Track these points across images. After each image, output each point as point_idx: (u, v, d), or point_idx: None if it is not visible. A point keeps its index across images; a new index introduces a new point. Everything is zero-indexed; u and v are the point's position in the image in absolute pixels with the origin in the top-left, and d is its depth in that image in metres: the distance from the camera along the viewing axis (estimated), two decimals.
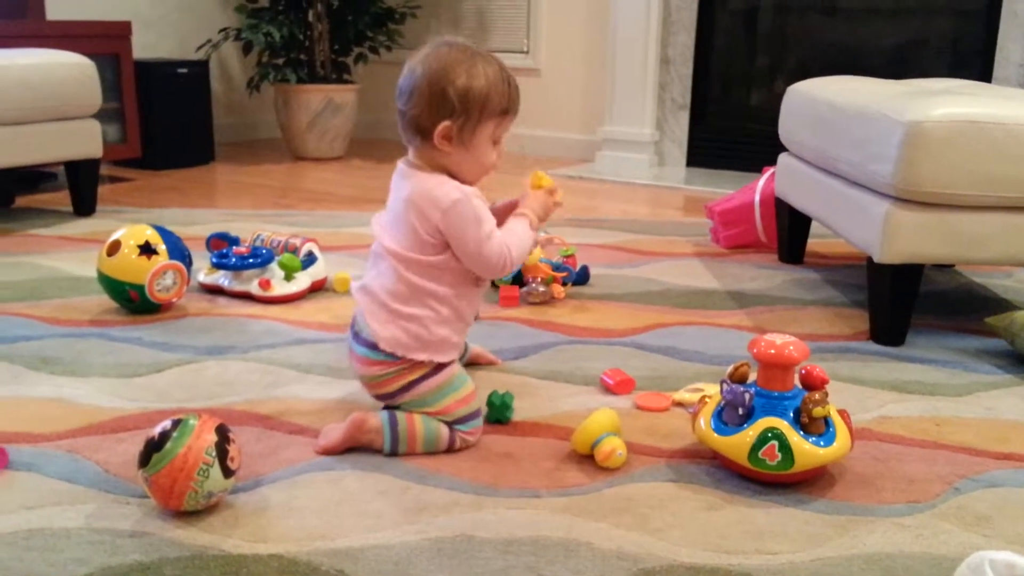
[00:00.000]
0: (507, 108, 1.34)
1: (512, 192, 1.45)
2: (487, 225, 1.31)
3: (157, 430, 1.14)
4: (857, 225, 1.87)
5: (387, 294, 1.33)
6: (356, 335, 1.36)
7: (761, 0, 3.95)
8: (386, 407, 1.37)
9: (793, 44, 3.97)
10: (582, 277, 2.21)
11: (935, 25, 3.62)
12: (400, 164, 1.37)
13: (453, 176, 1.34)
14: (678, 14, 3.91)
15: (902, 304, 1.81)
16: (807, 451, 1.21)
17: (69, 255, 2.39)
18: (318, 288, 2.12)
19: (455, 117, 1.29)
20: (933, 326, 1.94)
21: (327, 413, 1.45)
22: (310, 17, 4.12)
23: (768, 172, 2.58)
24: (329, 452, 1.33)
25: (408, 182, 1.33)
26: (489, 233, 1.31)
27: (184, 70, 3.84)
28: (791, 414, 1.24)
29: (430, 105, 1.29)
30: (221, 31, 4.11)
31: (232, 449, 1.15)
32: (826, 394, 1.25)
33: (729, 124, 4.02)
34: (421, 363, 1.33)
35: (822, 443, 1.22)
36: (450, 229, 1.30)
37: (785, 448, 1.20)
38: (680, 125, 4.02)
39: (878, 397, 1.57)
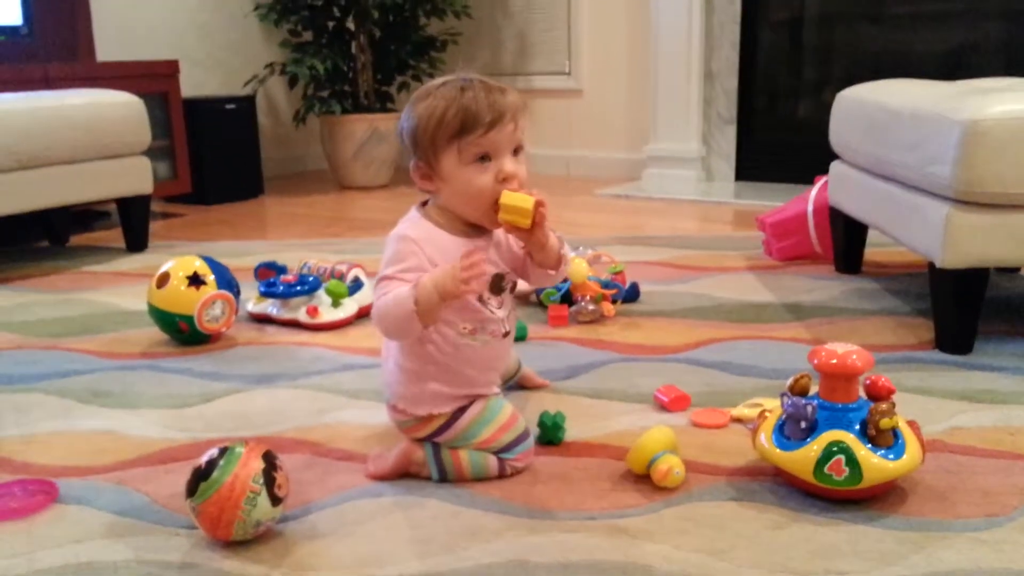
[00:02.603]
0: (465, 125, 1.19)
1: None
2: (391, 269, 1.24)
3: (204, 459, 1.12)
4: (917, 230, 1.81)
5: (392, 344, 1.32)
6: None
7: (805, 11, 3.90)
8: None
9: (839, 53, 3.90)
10: (632, 294, 2.17)
11: (986, 29, 3.52)
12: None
13: (460, 214, 1.27)
14: (721, 28, 3.87)
15: (968, 310, 1.74)
16: (876, 465, 1.15)
17: (122, 290, 2.42)
18: (365, 314, 2.11)
19: (417, 156, 1.25)
20: (1001, 332, 1.87)
21: (376, 439, 1.43)
22: (353, 48, 4.17)
23: (820, 181, 2.52)
24: (379, 479, 1.30)
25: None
26: (386, 277, 1.25)
27: (232, 106, 3.89)
28: (857, 426, 1.18)
29: (406, 153, 1.27)
30: (267, 66, 4.17)
31: (279, 476, 1.13)
32: (893, 404, 1.19)
33: (777, 136, 3.96)
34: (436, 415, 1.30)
35: (891, 456, 1.17)
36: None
37: (852, 462, 1.15)
38: (727, 139, 3.97)
39: (948, 407, 1.50)
